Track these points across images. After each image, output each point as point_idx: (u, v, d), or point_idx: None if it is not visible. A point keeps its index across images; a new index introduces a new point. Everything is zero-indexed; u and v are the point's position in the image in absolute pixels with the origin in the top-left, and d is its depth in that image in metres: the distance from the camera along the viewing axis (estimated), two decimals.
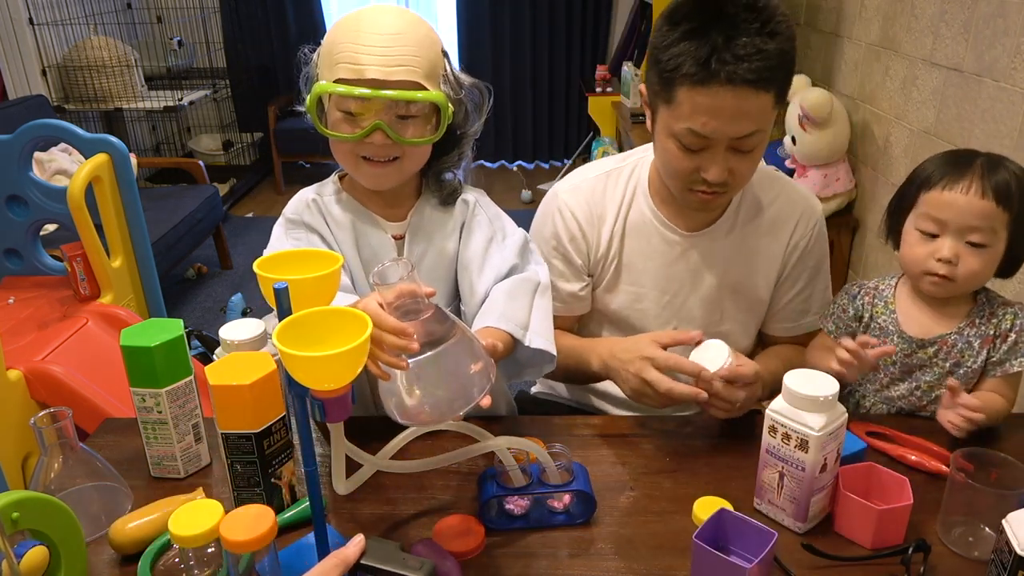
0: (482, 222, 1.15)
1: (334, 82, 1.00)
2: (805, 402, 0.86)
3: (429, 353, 0.79)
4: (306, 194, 1.15)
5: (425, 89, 1.01)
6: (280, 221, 1.14)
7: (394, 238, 1.13)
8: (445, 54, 1.08)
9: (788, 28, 1.03)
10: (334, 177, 1.17)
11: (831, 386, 0.88)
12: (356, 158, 1.06)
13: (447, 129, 1.06)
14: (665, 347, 1.09)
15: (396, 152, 1.05)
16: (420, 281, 0.82)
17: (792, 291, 1.29)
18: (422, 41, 1.02)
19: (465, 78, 1.10)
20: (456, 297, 1.17)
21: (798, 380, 0.89)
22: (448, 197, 1.15)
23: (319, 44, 1.07)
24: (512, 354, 1.06)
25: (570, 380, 1.32)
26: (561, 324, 1.28)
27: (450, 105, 1.04)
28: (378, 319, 0.78)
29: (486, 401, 0.80)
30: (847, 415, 0.89)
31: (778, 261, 1.26)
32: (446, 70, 1.06)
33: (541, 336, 1.05)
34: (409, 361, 0.78)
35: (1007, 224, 1.07)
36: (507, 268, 1.12)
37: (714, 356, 1.06)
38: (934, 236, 1.10)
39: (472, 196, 1.17)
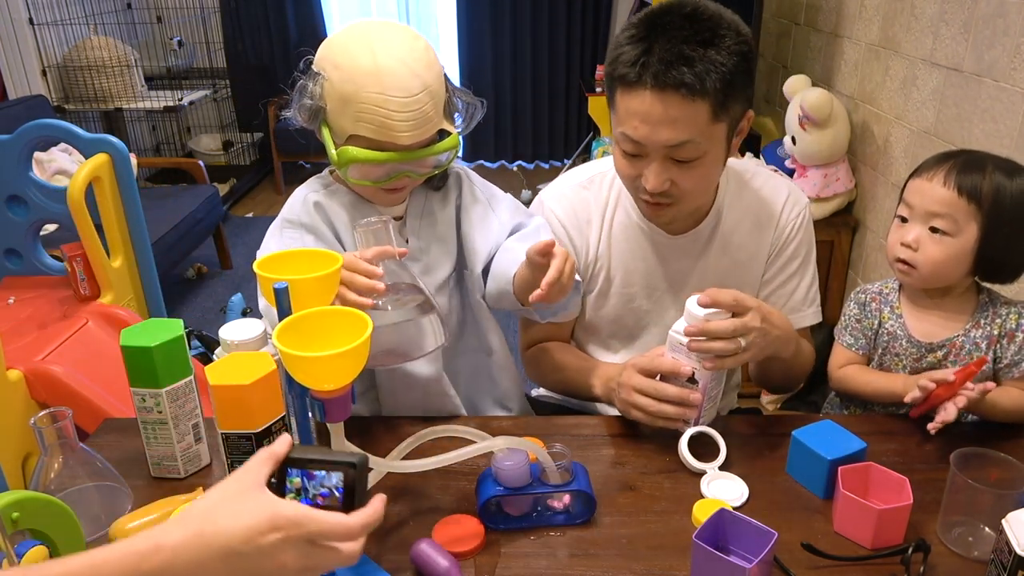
0: (476, 194, 1.22)
1: (362, 146, 1.04)
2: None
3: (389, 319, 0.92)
4: (303, 193, 1.17)
5: (445, 132, 1.09)
6: (277, 221, 1.16)
7: (395, 219, 1.15)
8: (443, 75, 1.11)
9: (735, 42, 1.01)
10: (327, 171, 1.21)
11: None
12: (374, 190, 1.11)
13: None
14: (645, 371, 1.06)
15: (412, 180, 1.12)
16: (393, 239, 0.96)
17: (773, 284, 1.27)
18: (437, 82, 1.06)
19: (461, 97, 1.13)
20: (459, 264, 1.22)
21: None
22: (439, 181, 1.19)
23: (315, 50, 1.10)
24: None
25: (570, 395, 1.32)
26: (554, 331, 1.30)
27: (458, 136, 1.11)
28: (352, 263, 0.90)
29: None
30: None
31: (764, 255, 1.26)
32: (449, 93, 1.10)
33: None
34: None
35: (976, 218, 1.07)
36: (508, 229, 1.19)
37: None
38: (905, 221, 1.13)
39: (460, 168, 1.23)
